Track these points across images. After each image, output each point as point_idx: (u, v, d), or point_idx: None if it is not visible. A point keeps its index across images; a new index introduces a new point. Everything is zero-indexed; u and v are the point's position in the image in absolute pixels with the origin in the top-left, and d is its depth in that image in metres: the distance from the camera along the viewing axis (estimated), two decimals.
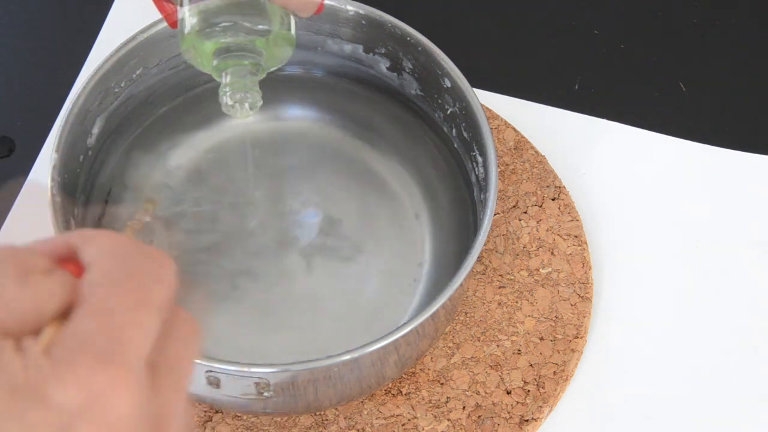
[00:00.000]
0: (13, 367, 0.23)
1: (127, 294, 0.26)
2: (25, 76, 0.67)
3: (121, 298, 0.25)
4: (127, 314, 0.25)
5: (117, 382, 0.24)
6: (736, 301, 0.60)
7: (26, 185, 0.62)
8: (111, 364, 0.24)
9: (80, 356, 0.24)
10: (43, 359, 0.24)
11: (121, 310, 0.25)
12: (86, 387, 0.23)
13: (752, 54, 0.70)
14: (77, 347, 0.24)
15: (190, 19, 0.44)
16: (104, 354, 0.24)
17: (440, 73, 0.55)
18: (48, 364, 0.24)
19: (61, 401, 0.23)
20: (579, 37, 0.71)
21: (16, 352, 0.24)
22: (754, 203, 0.63)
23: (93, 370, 0.23)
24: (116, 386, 0.24)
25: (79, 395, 0.23)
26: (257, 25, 0.44)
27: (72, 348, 0.24)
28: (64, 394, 0.23)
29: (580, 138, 0.65)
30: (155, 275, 0.26)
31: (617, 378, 0.57)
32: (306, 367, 0.46)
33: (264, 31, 0.44)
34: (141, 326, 0.25)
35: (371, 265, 0.57)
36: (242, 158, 0.60)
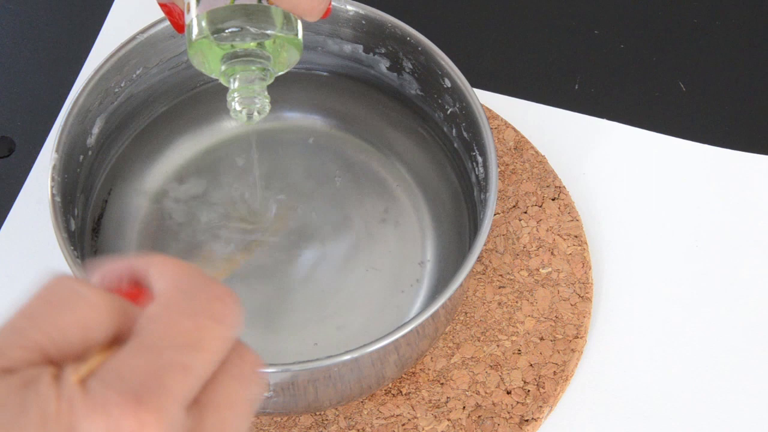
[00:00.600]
0: (48, 396, 0.23)
1: (182, 334, 0.25)
2: (25, 76, 0.67)
3: (175, 338, 0.25)
4: (176, 355, 0.24)
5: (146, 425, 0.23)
6: (736, 300, 0.60)
7: (26, 185, 0.62)
8: (144, 407, 0.23)
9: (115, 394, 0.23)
10: (77, 391, 0.23)
11: (172, 350, 0.24)
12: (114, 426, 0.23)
13: (752, 54, 0.70)
14: (114, 383, 0.24)
15: (198, 24, 0.44)
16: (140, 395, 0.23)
17: (440, 73, 0.55)
18: (81, 396, 0.23)
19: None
20: (579, 37, 0.71)
21: (53, 379, 0.23)
22: (754, 203, 0.63)
23: (124, 410, 0.23)
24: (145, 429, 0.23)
25: None
26: (265, 29, 0.44)
27: (109, 383, 0.24)
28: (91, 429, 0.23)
29: (580, 138, 0.65)
30: (218, 315, 0.26)
31: (617, 378, 0.57)
32: (306, 367, 0.46)
33: (272, 35, 0.44)
34: (188, 369, 0.24)
35: (371, 265, 0.57)
36: (242, 158, 0.60)
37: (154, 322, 0.25)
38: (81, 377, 0.24)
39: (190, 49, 0.45)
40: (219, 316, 0.26)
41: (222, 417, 0.26)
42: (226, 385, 0.26)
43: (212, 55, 0.45)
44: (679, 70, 0.69)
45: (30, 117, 0.65)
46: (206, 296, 0.26)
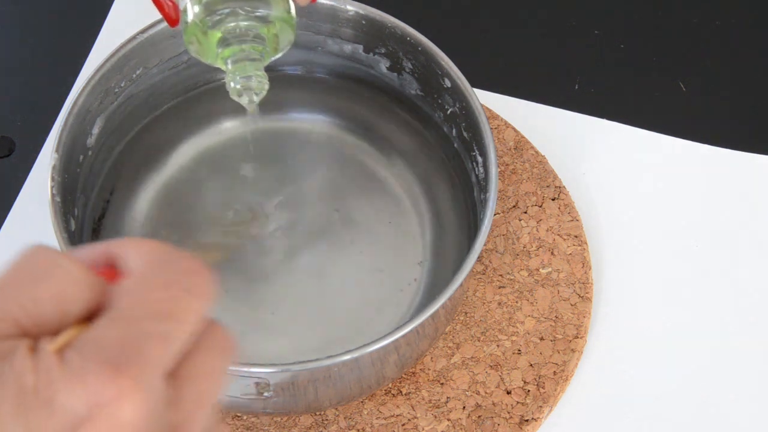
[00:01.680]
0: (24, 368, 0.23)
1: (156, 304, 0.25)
2: (25, 76, 0.67)
3: (149, 308, 0.25)
4: (152, 325, 0.25)
5: (126, 392, 0.23)
6: (736, 300, 0.60)
7: (26, 185, 0.62)
8: (122, 374, 0.23)
9: (93, 363, 0.23)
10: (54, 362, 0.23)
11: (147, 320, 0.25)
12: (93, 395, 0.23)
13: (752, 54, 0.70)
14: (92, 353, 0.24)
15: (192, 10, 0.44)
16: (118, 363, 0.24)
17: (440, 73, 0.55)
18: (59, 367, 0.23)
19: (67, 407, 0.23)
20: (579, 37, 0.71)
21: (29, 352, 0.23)
22: (754, 203, 0.63)
23: (102, 378, 0.23)
24: (124, 396, 0.23)
25: (85, 402, 0.23)
26: (258, 10, 0.44)
27: (86, 353, 0.24)
28: (70, 399, 0.23)
29: (580, 138, 0.65)
30: (191, 288, 0.26)
31: (617, 378, 0.57)
32: (306, 367, 0.46)
33: (265, 15, 0.45)
34: (164, 338, 0.25)
35: (371, 264, 0.57)
36: (242, 158, 0.60)
37: (128, 294, 0.25)
38: (57, 348, 0.24)
39: (185, 35, 0.45)
40: (192, 288, 0.26)
41: (200, 387, 0.26)
42: (203, 357, 0.26)
43: (207, 40, 0.45)
44: (679, 70, 0.69)
45: (30, 117, 0.65)
46: (179, 270, 0.26)
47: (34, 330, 0.24)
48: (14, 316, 0.24)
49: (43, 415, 0.23)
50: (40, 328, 0.25)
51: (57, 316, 0.25)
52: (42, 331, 0.25)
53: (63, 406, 0.23)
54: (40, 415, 0.23)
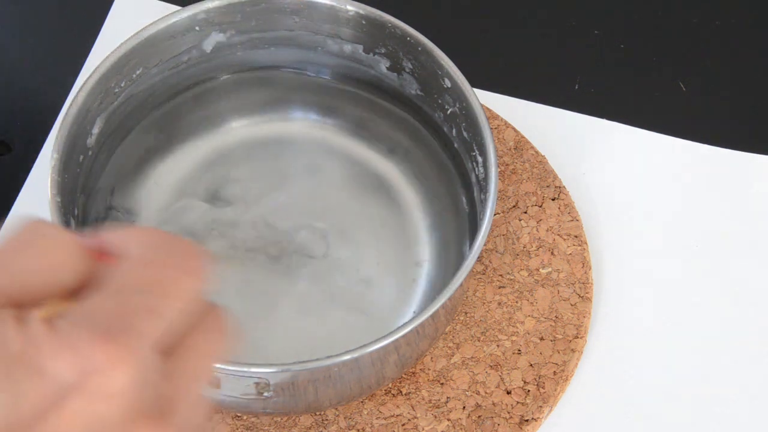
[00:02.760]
0: (11, 336, 0.23)
1: (149, 281, 0.25)
2: (25, 76, 0.67)
3: (141, 284, 0.25)
4: (145, 299, 0.25)
5: (116, 359, 0.23)
6: (736, 300, 0.60)
7: (26, 185, 0.62)
8: (113, 342, 0.23)
9: (83, 331, 0.23)
10: (43, 329, 0.23)
11: (138, 295, 0.25)
12: (83, 361, 0.23)
13: (752, 54, 0.70)
14: (82, 322, 0.24)
15: None
16: (108, 332, 0.23)
17: (440, 73, 0.55)
18: (47, 334, 0.23)
19: (56, 373, 0.23)
20: (579, 37, 0.71)
21: (16, 320, 0.23)
22: (754, 203, 0.63)
23: (93, 345, 0.23)
24: (115, 364, 0.23)
25: (74, 369, 0.23)
26: None
27: (77, 322, 0.24)
28: (59, 366, 0.23)
29: (580, 138, 0.65)
30: (185, 267, 0.26)
31: (617, 378, 0.57)
32: (306, 367, 0.46)
33: None
34: (156, 313, 0.25)
35: (371, 264, 0.57)
36: (241, 158, 0.60)
37: (122, 272, 0.25)
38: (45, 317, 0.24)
39: None
40: (187, 268, 0.26)
41: (193, 364, 0.26)
42: (200, 337, 0.26)
43: None
44: (679, 70, 0.69)
45: (30, 117, 0.65)
46: (175, 250, 0.26)
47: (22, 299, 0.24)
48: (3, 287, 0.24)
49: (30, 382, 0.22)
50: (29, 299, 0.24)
51: (45, 288, 0.25)
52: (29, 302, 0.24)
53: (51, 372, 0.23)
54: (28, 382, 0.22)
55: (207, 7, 0.56)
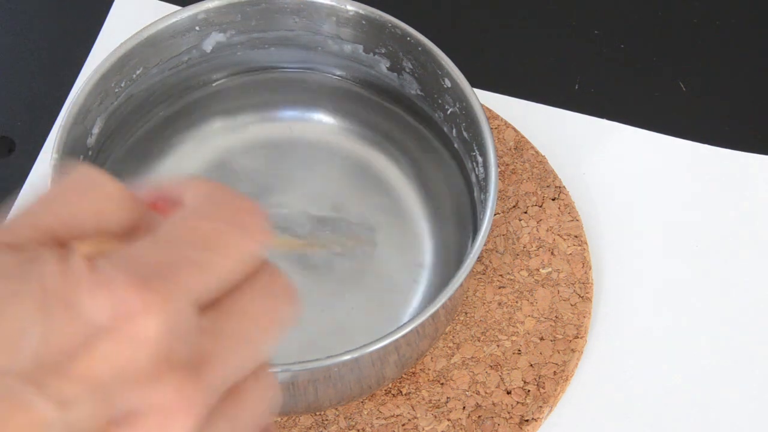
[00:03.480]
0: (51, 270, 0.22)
1: (200, 233, 0.24)
2: (25, 76, 0.67)
3: (191, 236, 0.24)
4: (192, 252, 0.24)
5: (150, 306, 0.22)
6: (736, 300, 0.60)
7: (26, 185, 0.62)
8: (151, 290, 0.23)
9: (122, 274, 0.23)
10: (83, 267, 0.23)
11: (186, 246, 0.24)
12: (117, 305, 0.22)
13: (752, 54, 0.70)
14: (123, 266, 0.23)
15: None
16: (149, 279, 0.23)
17: (440, 73, 0.55)
18: (87, 272, 0.22)
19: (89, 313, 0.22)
20: (579, 37, 0.71)
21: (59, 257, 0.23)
22: (754, 203, 0.63)
23: (130, 289, 0.22)
24: (150, 311, 0.22)
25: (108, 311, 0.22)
26: None
27: (118, 265, 0.23)
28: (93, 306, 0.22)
29: (580, 138, 0.65)
30: (242, 224, 0.25)
31: (617, 378, 0.57)
32: (306, 367, 0.46)
33: None
34: (201, 266, 0.24)
35: (371, 264, 0.57)
36: (241, 158, 0.60)
37: (174, 223, 0.25)
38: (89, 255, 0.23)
39: None
40: (243, 224, 0.25)
41: (240, 325, 0.25)
42: (250, 296, 0.25)
43: None
44: (679, 70, 0.69)
45: (30, 117, 0.65)
46: (233, 206, 0.25)
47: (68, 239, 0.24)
48: (50, 226, 0.24)
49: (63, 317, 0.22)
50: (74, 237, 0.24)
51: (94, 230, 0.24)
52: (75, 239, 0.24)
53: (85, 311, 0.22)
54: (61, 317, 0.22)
55: (207, 7, 0.56)
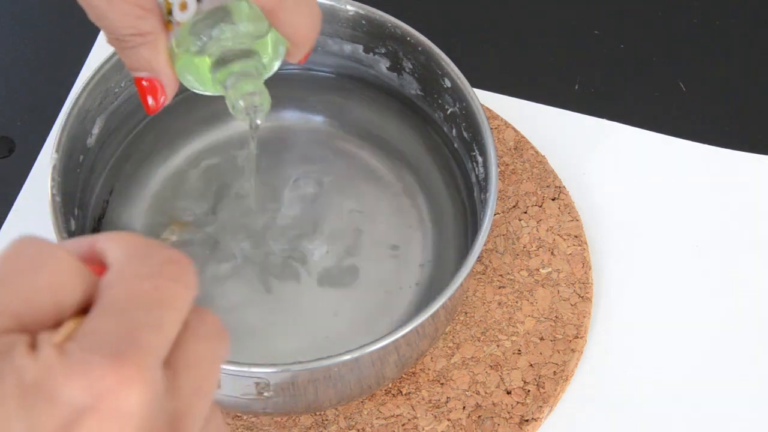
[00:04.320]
0: (24, 364, 0.23)
1: (145, 294, 0.25)
2: (25, 76, 0.67)
3: (138, 298, 0.25)
4: (143, 314, 0.25)
5: (127, 380, 0.23)
6: (736, 300, 0.60)
7: (26, 185, 0.62)
8: (123, 363, 0.23)
9: (93, 354, 0.23)
10: (54, 356, 0.23)
11: (138, 310, 0.25)
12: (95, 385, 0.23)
13: (752, 54, 0.70)
14: (91, 345, 0.24)
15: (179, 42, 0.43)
16: (117, 353, 0.24)
17: (440, 73, 0.55)
18: (59, 360, 0.23)
19: (69, 399, 0.23)
20: (579, 37, 0.71)
21: (28, 348, 0.23)
22: (754, 203, 0.63)
23: (103, 368, 0.23)
24: (126, 384, 0.23)
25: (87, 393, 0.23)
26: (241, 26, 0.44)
27: (85, 345, 0.24)
28: (72, 391, 0.23)
29: (580, 138, 0.65)
30: (174, 275, 0.26)
31: (617, 378, 0.57)
32: (306, 367, 0.46)
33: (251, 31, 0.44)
34: (157, 326, 0.25)
35: (371, 265, 0.57)
36: (242, 158, 0.60)
37: (113, 287, 0.26)
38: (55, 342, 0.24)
39: (177, 69, 0.44)
40: (175, 275, 0.26)
41: (194, 374, 0.26)
42: (193, 344, 0.26)
43: (199, 69, 0.44)
44: (679, 70, 0.69)
45: (30, 117, 0.65)
46: (159, 259, 0.26)
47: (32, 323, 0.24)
48: (12, 309, 0.24)
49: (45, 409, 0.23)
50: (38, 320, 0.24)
51: (54, 308, 0.25)
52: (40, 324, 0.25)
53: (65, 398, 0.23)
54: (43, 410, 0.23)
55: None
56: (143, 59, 0.43)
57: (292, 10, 0.42)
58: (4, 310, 0.24)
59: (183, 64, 0.44)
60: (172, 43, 0.43)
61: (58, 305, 0.25)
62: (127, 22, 0.41)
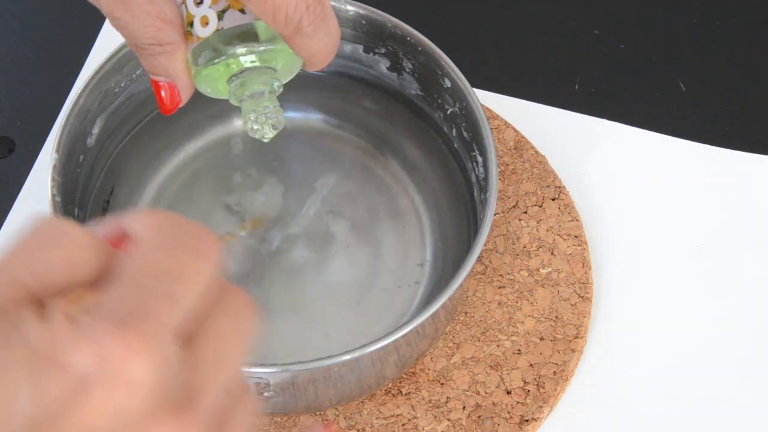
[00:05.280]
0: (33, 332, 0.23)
1: (162, 266, 0.25)
2: (25, 76, 0.67)
3: (155, 270, 0.25)
4: (158, 286, 0.25)
5: (135, 348, 0.23)
6: (736, 300, 0.60)
7: (26, 185, 0.62)
8: (131, 331, 0.23)
9: (101, 322, 0.23)
10: (62, 323, 0.23)
11: (152, 281, 0.25)
12: (102, 352, 0.23)
13: (752, 54, 0.70)
14: (100, 313, 0.24)
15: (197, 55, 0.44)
16: (126, 321, 0.24)
17: (440, 73, 0.55)
18: (67, 328, 0.23)
19: (76, 365, 0.23)
20: (579, 37, 0.71)
21: (37, 316, 0.23)
22: (754, 203, 0.63)
23: (111, 335, 0.23)
24: (133, 352, 0.23)
25: (93, 360, 0.23)
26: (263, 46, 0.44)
27: (94, 313, 0.24)
28: (78, 358, 0.23)
29: (580, 138, 0.65)
30: (196, 250, 0.26)
31: (617, 378, 0.57)
32: (306, 367, 0.46)
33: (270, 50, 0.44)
34: (172, 298, 0.25)
35: (371, 265, 0.57)
36: (242, 158, 0.60)
37: (134, 259, 0.26)
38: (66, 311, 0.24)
39: (196, 80, 0.44)
40: (197, 250, 0.26)
41: (213, 348, 0.26)
42: (218, 320, 0.26)
43: (217, 83, 0.45)
44: (679, 70, 0.69)
45: (30, 117, 0.65)
46: (183, 234, 0.26)
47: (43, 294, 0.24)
48: (23, 281, 0.24)
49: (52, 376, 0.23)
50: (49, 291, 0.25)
51: (65, 280, 0.25)
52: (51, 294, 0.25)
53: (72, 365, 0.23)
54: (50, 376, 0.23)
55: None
56: (161, 66, 0.43)
57: (309, 37, 0.42)
58: (14, 282, 0.24)
59: (200, 76, 0.44)
60: (189, 54, 0.43)
61: (71, 277, 0.25)
62: (148, 32, 0.42)
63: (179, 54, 0.43)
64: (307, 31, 0.41)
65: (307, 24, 0.41)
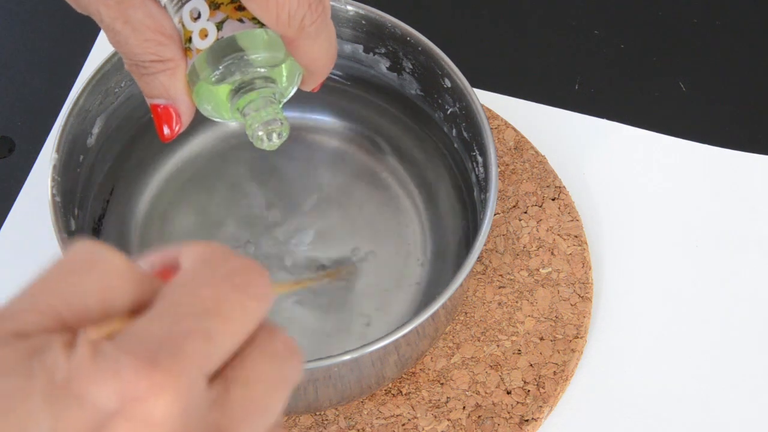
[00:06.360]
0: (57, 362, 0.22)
1: (202, 300, 0.24)
2: (25, 76, 0.67)
3: (194, 304, 0.24)
4: (195, 322, 0.23)
5: (159, 387, 0.22)
6: (736, 300, 0.60)
7: (26, 185, 0.62)
8: (157, 368, 0.22)
9: (128, 356, 0.22)
10: (87, 354, 0.22)
11: (190, 316, 0.24)
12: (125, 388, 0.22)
13: (752, 54, 0.70)
14: (129, 346, 0.23)
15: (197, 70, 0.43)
16: (153, 357, 0.22)
17: (440, 73, 0.55)
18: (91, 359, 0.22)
19: (97, 400, 0.22)
20: (579, 37, 0.71)
21: (64, 346, 0.22)
22: (754, 203, 0.63)
23: (136, 372, 0.22)
24: (157, 390, 0.22)
25: (116, 396, 0.22)
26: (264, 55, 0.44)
27: (123, 347, 0.23)
28: (101, 392, 0.22)
29: (580, 138, 0.65)
30: (241, 285, 0.25)
31: (617, 378, 0.57)
32: (306, 367, 0.46)
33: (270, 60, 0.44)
34: (208, 336, 0.23)
35: (371, 265, 0.57)
36: (242, 158, 0.60)
37: (173, 291, 0.24)
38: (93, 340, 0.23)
39: (197, 99, 0.44)
40: (241, 285, 0.25)
41: (250, 392, 0.25)
42: (255, 360, 0.25)
43: (218, 96, 0.44)
44: (679, 70, 0.69)
45: (30, 117, 0.65)
46: (229, 267, 0.25)
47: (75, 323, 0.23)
48: (56, 309, 0.23)
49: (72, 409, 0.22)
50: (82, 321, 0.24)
51: (100, 309, 0.24)
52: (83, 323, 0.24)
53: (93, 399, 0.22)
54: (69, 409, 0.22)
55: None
56: (161, 86, 0.42)
57: (312, 41, 0.42)
58: (46, 310, 0.23)
59: (201, 92, 0.44)
60: (189, 71, 0.43)
61: (106, 307, 0.24)
62: (148, 48, 0.41)
63: (180, 73, 0.42)
64: (310, 31, 0.41)
65: (309, 23, 0.41)
